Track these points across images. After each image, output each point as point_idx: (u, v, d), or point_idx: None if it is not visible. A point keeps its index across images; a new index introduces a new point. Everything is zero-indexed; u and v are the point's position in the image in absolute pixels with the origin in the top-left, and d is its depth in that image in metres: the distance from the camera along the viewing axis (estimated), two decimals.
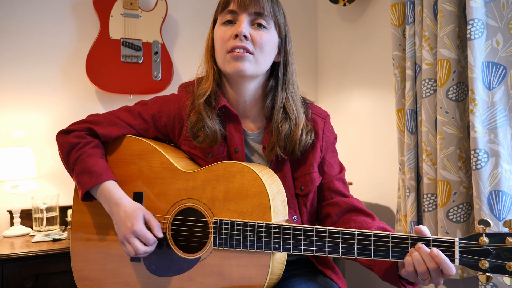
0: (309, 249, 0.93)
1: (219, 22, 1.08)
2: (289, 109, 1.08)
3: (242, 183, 0.99)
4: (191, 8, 2.46)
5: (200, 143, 1.08)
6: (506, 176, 1.41)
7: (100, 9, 2.15)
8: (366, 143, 2.29)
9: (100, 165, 1.07)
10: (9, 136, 2.09)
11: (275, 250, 0.95)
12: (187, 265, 1.01)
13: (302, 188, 1.11)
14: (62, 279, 1.71)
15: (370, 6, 2.26)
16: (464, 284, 1.69)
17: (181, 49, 2.42)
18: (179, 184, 1.06)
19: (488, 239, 0.83)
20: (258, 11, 1.04)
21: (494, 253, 0.82)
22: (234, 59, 1.02)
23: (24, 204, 2.03)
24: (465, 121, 1.54)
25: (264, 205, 0.96)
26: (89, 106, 2.23)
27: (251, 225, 0.96)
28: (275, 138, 1.07)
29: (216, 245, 0.98)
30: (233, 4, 1.04)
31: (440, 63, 1.53)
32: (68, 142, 1.10)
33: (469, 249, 0.84)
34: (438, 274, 0.85)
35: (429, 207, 1.63)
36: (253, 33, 1.03)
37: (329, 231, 0.92)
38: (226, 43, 1.03)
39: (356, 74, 2.37)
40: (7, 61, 2.10)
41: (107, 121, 1.13)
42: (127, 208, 1.02)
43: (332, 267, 1.20)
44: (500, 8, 1.43)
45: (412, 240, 0.87)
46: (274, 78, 1.11)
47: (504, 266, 0.81)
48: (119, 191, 1.06)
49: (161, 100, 1.16)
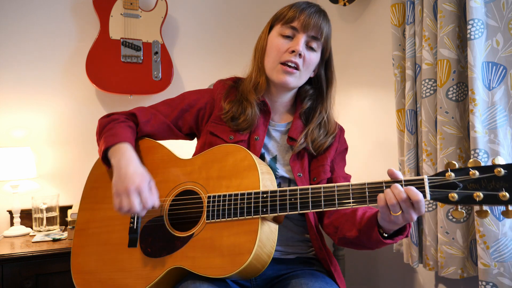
0: (294, 207, 1.00)
1: (278, 32, 1.21)
2: (329, 119, 1.28)
3: (234, 161, 1.06)
4: (191, 8, 2.46)
5: (237, 125, 1.20)
6: None
7: (100, 9, 2.15)
8: (366, 143, 2.29)
9: (126, 134, 1.15)
10: (9, 136, 2.09)
11: (263, 213, 1.00)
12: (181, 242, 1.04)
13: (315, 178, 1.21)
14: (62, 279, 1.72)
15: (370, 6, 2.26)
16: (464, 284, 1.69)
17: (181, 49, 2.42)
18: (178, 170, 1.12)
19: (454, 173, 0.90)
20: (316, 36, 1.19)
21: (461, 185, 0.89)
22: (284, 72, 1.18)
23: (24, 204, 2.03)
24: (465, 121, 1.54)
25: (254, 176, 1.03)
26: (89, 106, 2.23)
27: (241, 194, 1.02)
28: (310, 137, 1.22)
29: (209, 218, 1.03)
30: (297, 23, 1.17)
31: (440, 63, 1.53)
32: (107, 121, 1.19)
33: (437, 184, 0.91)
34: (408, 205, 0.90)
35: (429, 207, 1.63)
36: (306, 54, 1.18)
37: (312, 187, 1.00)
38: (282, 55, 1.18)
39: (356, 74, 2.37)
40: (7, 61, 2.10)
41: (146, 110, 1.25)
42: (137, 168, 1.07)
43: (334, 265, 1.21)
44: (500, 8, 1.43)
45: (386, 183, 0.95)
46: (313, 88, 1.30)
47: (472, 196, 0.87)
48: (135, 155, 1.12)
49: (196, 91, 1.32)
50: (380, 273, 2.20)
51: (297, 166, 1.21)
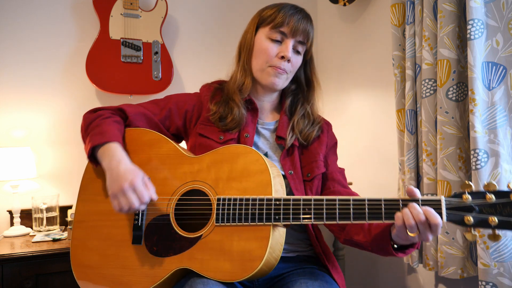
0: (308, 217, 0.98)
1: (266, 35, 1.23)
2: (313, 113, 1.30)
3: (245, 163, 1.04)
4: (191, 8, 2.46)
5: (226, 125, 1.21)
6: (506, 176, 1.41)
7: (100, 9, 2.15)
8: (366, 143, 2.29)
9: (113, 132, 1.13)
10: (9, 136, 2.09)
11: (276, 221, 0.98)
12: (189, 243, 1.02)
13: (308, 174, 1.22)
14: (62, 279, 1.71)
15: (370, 6, 2.26)
16: (464, 284, 1.69)
17: (181, 49, 2.42)
18: (185, 168, 1.10)
19: (470, 196, 0.90)
20: (302, 41, 1.23)
21: (477, 209, 0.89)
22: (274, 75, 1.21)
23: (24, 204, 2.03)
24: (465, 121, 1.54)
25: (266, 181, 1.01)
26: (89, 106, 2.20)
27: (253, 200, 1.00)
28: (296, 129, 1.24)
29: (219, 221, 1.01)
30: (286, 28, 1.20)
31: (440, 63, 1.53)
32: (93, 117, 1.18)
33: (454, 206, 0.91)
34: (425, 227, 0.90)
35: None
36: (293, 58, 1.22)
37: (326, 199, 0.98)
38: (271, 59, 1.21)
39: (356, 74, 2.37)
40: (7, 61, 2.10)
41: (134, 105, 1.25)
42: (128, 166, 1.06)
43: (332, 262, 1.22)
44: (500, 8, 1.43)
45: (403, 201, 0.95)
46: (294, 84, 1.32)
47: (487, 220, 0.88)
48: (124, 153, 1.10)
49: (184, 94, 1.33)
50: (380, 273, 2.20)
51: (287, 164, 1.21)
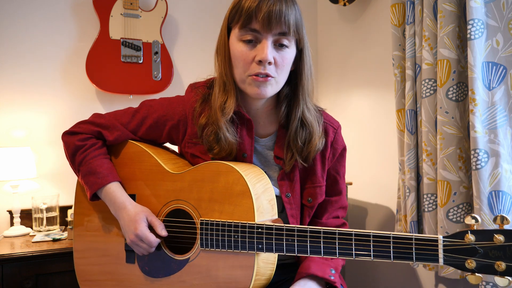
0: (291, 249, 0.91)
1: (237, 37, 0.98)
2: (306, 118, 1.05)
3: (226, 183, 0.98)
4: (191, 8, 2.46)
5: (215, 155, 1.04)
6: (506, 176, 1.41)
7: (100, 9, 2.15)
8: (366, 143, 2.29)
9: (105, 166, 1.09)
10: (9, 136, 2.09)
11: (259, 250, 0.94)
12: (177, 266, 1.02)
13: (309, 200, 1.10)
14: (62, 279, 1.71)
15: (370, 6, 2.26)
16: (464, 284, 1.69)
17: (181, 49, 2.42)
18: (167, 185, 1.07)
19: (474, 236, 0.77)
20: (283, 32, 0.96)
21: (482, 251, 0.76)
22: (256, 85, 0.97)
23: (24, 204, 2.03)
24: (465, 121, 1.54)
25: (247, 206, 0.95)
26: (89, 106, 2.23)
27: (234, 225, 0.95)
28: (293, 147, 1.04)
29: (203, 245, 0.99)
30: (255, 23, 0.94)
31: (440, 63, 1.53)
32: (74, 144, 1.12)
33: (454, 248, 0.78)
34: None
35: (429, 207, 1.63)
36: (276, 56, 0.97)
37: (310, 230, 0.90)
38: (248, 66, 0.97)
39: (356, 74, 2.37)
40: (7, 61, 2.09)
41: (112, 126, 1.12)
42: (130, 212, 1.04)
43: None
44: (500, 8, 1.43)
45: (393, 239, 0.83)
46: (289, 86, 1.06)
47: (493, 266, 0.75)
48: (123, 194, 1.08)
49: (166, 102, 1.12)
50: (380, 273, 2.20)
51: (285, 185, 1.08)
